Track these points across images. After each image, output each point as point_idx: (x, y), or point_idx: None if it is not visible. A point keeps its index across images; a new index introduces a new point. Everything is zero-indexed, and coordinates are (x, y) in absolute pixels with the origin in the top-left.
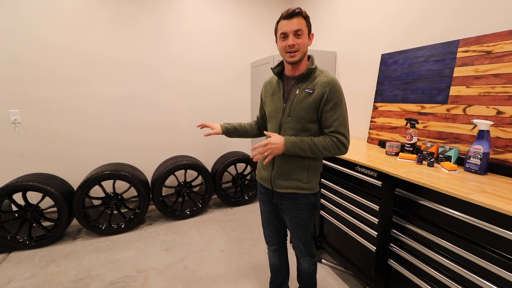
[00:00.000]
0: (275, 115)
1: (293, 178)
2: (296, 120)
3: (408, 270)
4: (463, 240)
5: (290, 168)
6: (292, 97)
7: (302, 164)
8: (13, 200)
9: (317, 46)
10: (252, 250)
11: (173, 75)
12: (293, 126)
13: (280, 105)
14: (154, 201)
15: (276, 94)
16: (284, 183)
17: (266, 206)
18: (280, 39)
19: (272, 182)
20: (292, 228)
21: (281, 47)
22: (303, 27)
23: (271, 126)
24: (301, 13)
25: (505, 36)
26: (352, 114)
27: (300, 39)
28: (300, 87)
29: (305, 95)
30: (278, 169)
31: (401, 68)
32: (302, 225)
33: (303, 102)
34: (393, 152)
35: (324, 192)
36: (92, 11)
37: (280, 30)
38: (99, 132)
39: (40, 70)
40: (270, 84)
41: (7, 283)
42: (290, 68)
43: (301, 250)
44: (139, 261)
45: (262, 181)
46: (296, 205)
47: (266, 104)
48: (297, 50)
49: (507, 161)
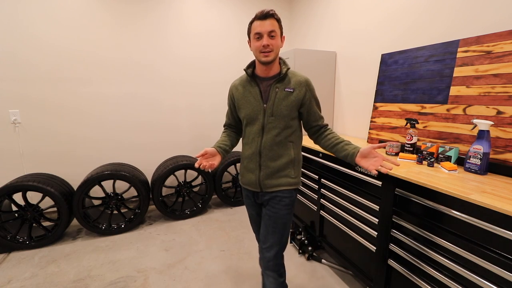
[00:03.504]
0: (255, 117)
1: (282, 175)
2: (279, 118)
3: (408, 270)
4: (463, 240)
5: (278, 165)
6: (273, 97)
7: (289, 160)
8: (13, 200)
9: (317, 46)
10: (252, 250)
11: (173, 74)
12: (277, 125)
13: (259, 106)
14: (154, 201)
15: (252, 96)
16: (273, 182)
17: (254, 210)
18: (254, 39)
19: (261, 184)
20: (268, 227)
21: (256, 47)
22: (276, 29)
23: (252, 129)
24: (274, 15)
25: (505, 36)
26: (352, 114)
27: (274, 40)
28: (279, 87)
29: (286, 94)
30: (266, 169)
31: (401, 68)
32: (280, 224)
33: (285, 101)
34: (393, 152)
35: (324, 192)
36: (92, 11)
37: (255, 30)
38: (99, 132)
39: (40, 70)
40: (242, 86)
41: (7, 283)
42: (263, 68)
43: (269, 260)
44: (139, 261)
45: (248, 185)
46: (280, 200)
47: (240, 108)
48: (271, 50)
49: (507, 161)
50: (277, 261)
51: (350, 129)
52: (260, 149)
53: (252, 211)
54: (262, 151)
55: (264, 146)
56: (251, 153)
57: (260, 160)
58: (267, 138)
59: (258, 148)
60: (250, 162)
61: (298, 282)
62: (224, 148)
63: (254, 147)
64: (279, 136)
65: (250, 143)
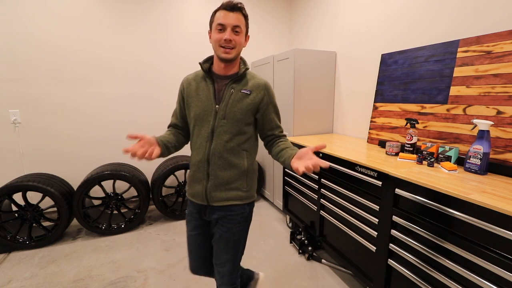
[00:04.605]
0: (205, 118)
1: (232, 187)
2: (232, 122)
3: (408, 270)
4: (463, 240)
5: (228, 176)
6: (227, 98)
7: (241, 170)
8: (13, 200)
9: (317, 46)
10: (252, 250)
11: (174, 74)
12: (228, 130)
13: (211, 106)
14: (154, 201)
15: (204, 94)
16: (222, 195)
17: (195, 229)
18: (216, 30)
19: (208, 196)
20: (220, 246)
21: (217, 39)
22: (242, 25)
23: (201, 131)
24: (243, 9)
25: (505, 36)
26: (352, 114)
27: (238, 36)
28: (235, 88)
29: (241, 96)
30: (214, 179)
31: (401, 68)
32: (233, 241)
33: (240, 104)
34: (393, 152)
35: (324, 192)
36: (92, 11)
37: (218, 20)
38: (99, 132)
39: (40, 70)
40: (195, 81)
41: (7, 283)
42: (222, 66)
43: (223, 276)
44: (139, 261)
45: (194, 198)
46: (230, 217)
47: (190, 106)
48: (233, 47)
49: (507, 161)
50: (233, 275)
51: (350, 129)
52: (208, 156)
53: (192, 231)
54: (211, 158)
55: (213, 153)
56: (199, 160)
57: (208, 169)
58: (217, 143)
59: (206, 154)
60: (198, 170)
61: (298, 282)
62: (165, 142)
63: (202, 153)
64: (230, 142)
65: (198, 148)
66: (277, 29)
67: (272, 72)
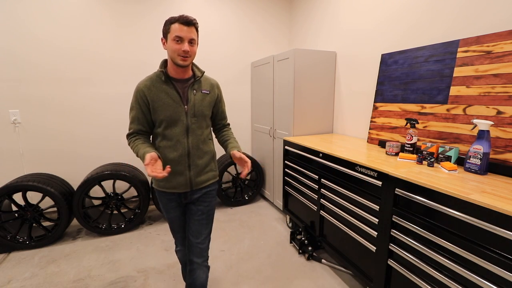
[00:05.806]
0: (177, 119)
1: (208, 170)
2: (201, 119)
3: (408, 270)
4: (463, 240)
5: (205, 162)
6: (192, 99)
7: (212, 155)
8: (13, 200)
9: (317, 46)
10: (252, 250)
11: None
12: (199, 125)
13: (180, 108)
14: (154, 201)
15: (170, 97)
16: (203, 178)
17: (178, 211)
18: (174, 41)
19: (192, 183)
20: (202, 221)
21: (175, 49)
22: (196, 37)
23: (175, 131)
24: (196, 24)
25: (505, 36)
26: (352, 114)
27: (193, 47)
28: (196, 89)
29: (203, 95)
30: (195, 168)
31: (401, 68)
32: (211, 215)
33: (204, 102)
34: (393, 152)
35: (324, 192)
36: (92, 11)
37: (176, 33)
38: (99, 132)
39: (40, 70)
40: (154, 87)
41: (7, 283)
42: (179, 70)
43: (203, 251)
44: (139, 261)
45: (175, 189)
46: (208, 193)
47: (157, 110)
48: (190, 56)
49: (507, 161)
50: (208, 248)
51: (350, 129)
52: (188, 150)
53: (176, 213)
54: (191, 151)
55: (192, 146)
56: (178, 155)
57: (189, 161)
58: (193, 138)
59: (186, 149)
60: (178, 164)
61: (298, 282)
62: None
63: (181, 149)
64: (202, 135)
65: (174, 145)
66: (277, 29)
67: (272, 72)
